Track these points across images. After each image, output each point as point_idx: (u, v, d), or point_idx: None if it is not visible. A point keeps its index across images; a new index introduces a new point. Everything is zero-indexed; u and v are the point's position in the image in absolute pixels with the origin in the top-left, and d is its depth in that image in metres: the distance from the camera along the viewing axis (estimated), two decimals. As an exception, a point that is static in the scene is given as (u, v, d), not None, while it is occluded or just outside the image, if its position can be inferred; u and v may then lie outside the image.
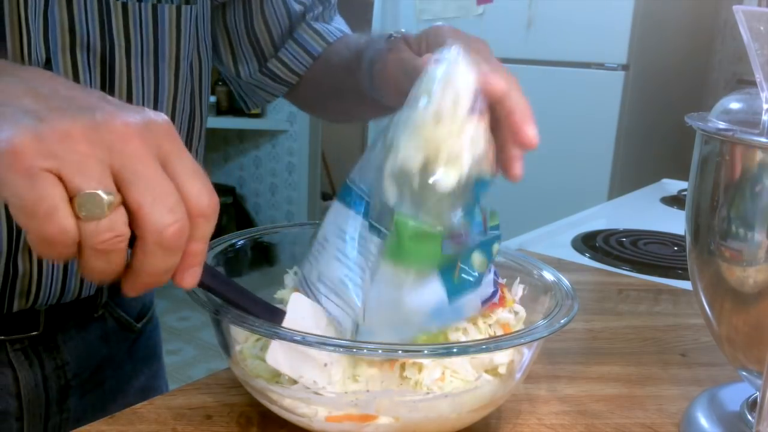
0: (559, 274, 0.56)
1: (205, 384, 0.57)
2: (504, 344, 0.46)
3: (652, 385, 0.62)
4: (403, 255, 0.47)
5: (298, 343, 0.45)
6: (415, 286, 0.47)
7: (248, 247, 0.60)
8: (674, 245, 1.08)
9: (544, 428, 0.55)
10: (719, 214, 0.48)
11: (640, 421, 0.56)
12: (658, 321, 0.77)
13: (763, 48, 0.45)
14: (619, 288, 0.87)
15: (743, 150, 0.46)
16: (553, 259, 0.94)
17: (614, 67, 2.27)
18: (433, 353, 0.46)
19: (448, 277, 0.48)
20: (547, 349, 0.66)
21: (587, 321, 0.75)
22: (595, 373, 0.64)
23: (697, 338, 0.72)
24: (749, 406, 0.54)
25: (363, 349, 0.45)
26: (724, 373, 0.63)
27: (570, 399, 0.59)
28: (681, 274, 0.94)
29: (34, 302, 0.63)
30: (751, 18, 0.45)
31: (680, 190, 1.44)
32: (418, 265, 0.47)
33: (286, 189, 3.55)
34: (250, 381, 0.49)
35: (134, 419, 0.52)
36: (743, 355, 0.51)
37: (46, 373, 0.68)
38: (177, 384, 0.60)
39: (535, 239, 1.08)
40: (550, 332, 0.47)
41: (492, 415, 0.53)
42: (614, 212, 1.36)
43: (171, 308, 3.11)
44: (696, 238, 0.51)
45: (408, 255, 0.47)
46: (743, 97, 0.50)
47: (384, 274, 0.47)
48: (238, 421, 0.53)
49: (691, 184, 0.52)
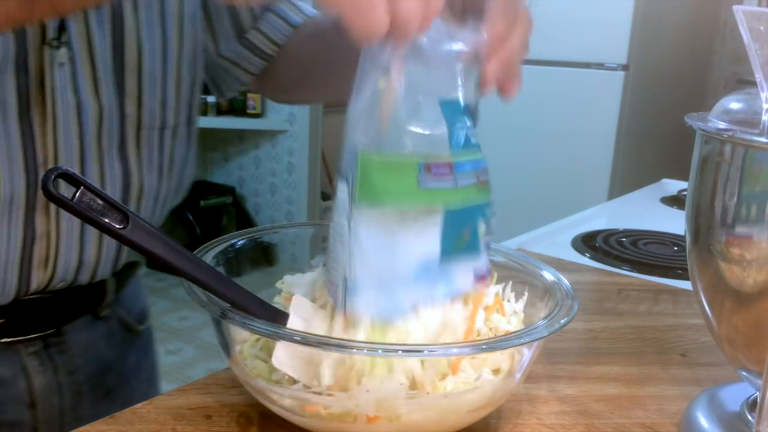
0: (559, 274, 0.56)
1: (205, 384, 0.57)
2: (504, 344, 0.46)
3: (652, 385, 0.62)
4: (374, 193, 0.44)
5: (298, 343, 0.45)
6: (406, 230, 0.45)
7: (248, 247, 0.60)
8: (674, 245, 1.08)
9: (544, 428, 0.55)
10: (719, 214, 0.48)
11: (640, 421, 0.56)
12: (658, 321, 0.77)
13: (763, 48, 0.45)
14: (619, 288, 0.87)
15: (743, 150, 0.46)
16: (553, 259, 0.94)
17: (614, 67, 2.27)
18: (433, 353, 0.46)
19: (448, 234, 0.46)
20: (547, 349, 0.66)
21: (587, 321, 0.75)
22: (595, 373, 0.64)
23: (697, 338, 0.72)
24: (749, 406, 0.54)
25: (363, 349, 0.45)
26: (724, 373, 0.63)
27: (570, 399, 0.59)
28: (681, 274, 0.94)
29: (52, 275, 0.63)
30: (751, 18, 0.45)
31: (680, 190, 1.44)
32: (394, 203, 0.44)
33: (286, 189, 3.55)
34: (250, 381, 0.49)
35: (134, 419, 0.52)
36: (743, 355, 0.51)
37: (59, 380, 0.68)
38: (177, 384, 0.60)
39: (535, 239, 1.08)
40: (550, 332, 0.47)
41: (492, 415, 0.53)
42: (614, 212, 1.36)
43: (171, 308, 3.11)
44: (696, 238, 0.51)
45: (379, 192, 0.44)
46: (743, 97, 0.50)
47: (360, 219, 0.45)
48: (238, 421, 0.53)
49: (691, 184, 0.52)
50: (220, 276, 0.49)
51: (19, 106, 0.58)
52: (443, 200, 0.47)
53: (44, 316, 0.65)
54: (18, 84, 0.57)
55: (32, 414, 0.66)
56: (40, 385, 0.66)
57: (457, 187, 0.47)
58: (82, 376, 0.70)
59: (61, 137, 0.60)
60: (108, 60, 0.62)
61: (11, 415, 0.65)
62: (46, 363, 0.66)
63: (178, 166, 0.72)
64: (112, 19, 0.61)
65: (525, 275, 0.57)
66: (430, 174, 0.45)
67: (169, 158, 0.70)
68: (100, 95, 0.61)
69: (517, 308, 0.55)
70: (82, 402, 0.70)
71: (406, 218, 0.46)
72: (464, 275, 0.49)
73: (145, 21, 0.63)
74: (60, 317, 0.67)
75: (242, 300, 0.48)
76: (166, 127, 0.68)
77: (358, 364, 0.46)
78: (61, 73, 0.59)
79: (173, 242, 0.47)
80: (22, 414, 0.65)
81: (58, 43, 0.58)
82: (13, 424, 0.65)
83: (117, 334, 0.74)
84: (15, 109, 0.57)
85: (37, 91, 0.58)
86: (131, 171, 0.66)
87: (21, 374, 0.65)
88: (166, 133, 0.69)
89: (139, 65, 0.64)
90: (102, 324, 0.72)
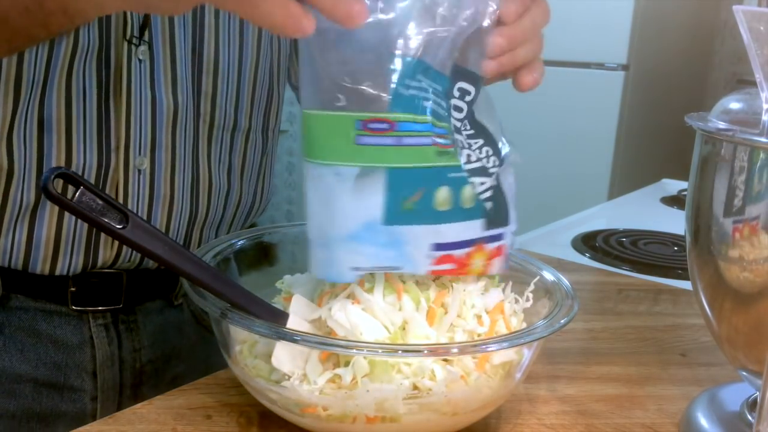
0: (559, 274, 0.56)
1: (205, 384, 0.58)
2: (504, 344, 0.46)
3: (652, 385, 0.62)
4: (313, 149, 0.45)
5: (298, 343, 0.45)
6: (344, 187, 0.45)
7: (248, 247, 0.60)
8: (674, 245, 1.08)
9: (544, 428, 0.55)
10: (719, 214, 0.48)
11: (640, 421, 0.56)
12: (658, 321, 0.77)
13: (763, 48, 0.45)
14: (619, 288, 0.87)
15: (743, 150, 0.46)
16: (553, 259, 0.94)
17: (614, 67, 2.27)
18: (433, 353, 0.46)
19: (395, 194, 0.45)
20: (547, 349, 0.66)
21: (587, 321, 0.75)
22: (595, 373, 0.64)
23: (697, 338, 0.72)
24: (749, 406, 0.54)
25: (363, 349, 0.45)
26: (724, 373, 0.63)
27: (570, 399, 0.59)
28: (681, 274, 0.94)
29: (117, 254, 0.65)
30: (751, 18, 0.45)
31: (680, 190, 1.44)
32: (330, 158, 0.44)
33: (286, 189, 3.55)
34: (250, 381, 0.49)
35: (134, 419, 0.52)
36: (743, 355, 0.51)
37: (122, 354, 0.69)
38: (177, 384, 0.60)
39: (535, 239, 1.08)
40: (550, 332, 0.47)
41: (492, 415, 0.53)
42: (614, 212, 1.36)
43: (171, 308, 3.10)
44: (696, 238, 0.51)
45: (317, 148, 0.45)
46: (743, 97, 0.50)
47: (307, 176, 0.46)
48: (238, 421, 0.53)
49: (691, 184, 0.52)
50: (220, 276, 0.49)
51: (98, 94, 0.61)
52: (383, 159, 0.45)
53: (115, 291, 0.67)
54: (99, 74, 0.61)
55: (93, 383, 0.68)
56: (103, 356, 0.68)
57: (401, 145, 0.45)
58: (146, 356, 0.71)
59: (134, 127, 0.63)
60: (187, 60, 0.65)
61: (74, 380, 0.67)
62: (112, 336, 0.68)
63: (252, 170, 0.74)
64: (193, 21, 0.64)
65: (525, 275, 0.57)
66: (367, 130, 0.44)
67: (241, 160, 0.72)
68: (176, 93, 0.64)
69: (517, 308, 0.55)
70: (143, 382, 0.71)
71: (344, 175, 0.45)
72: (418, 244, 0.47)
73: (223, 26, 0.66)
74: (131, 296, 0.68)
75: (242, 300, 0.48)
76: (238, 129, 0.71)
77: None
78: (140, 68, 0.62)
79: (173, 242, 0.47)
80: (83, 381, 0.68)
81: (138, 40, 0.61)
82: (76, 389, 0.68)
83: (189, 326, 0.75)
84: (95, 95, 0.61)
85: (116, 82, 0.62)
86: (200, 166, 0.68)
87: (87, 343, 0.67)
88: (237, 135, 0.71)
89: (216, 67, 0.66)
90: (175, 312, 0.74)
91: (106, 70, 0.61)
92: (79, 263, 0.64)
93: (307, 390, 0.46)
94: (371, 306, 0.48)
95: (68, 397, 0.67)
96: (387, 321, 0.48)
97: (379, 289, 0.49)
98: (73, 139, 0.61)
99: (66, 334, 0.66)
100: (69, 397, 0.67)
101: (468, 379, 0.47)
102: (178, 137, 0.66)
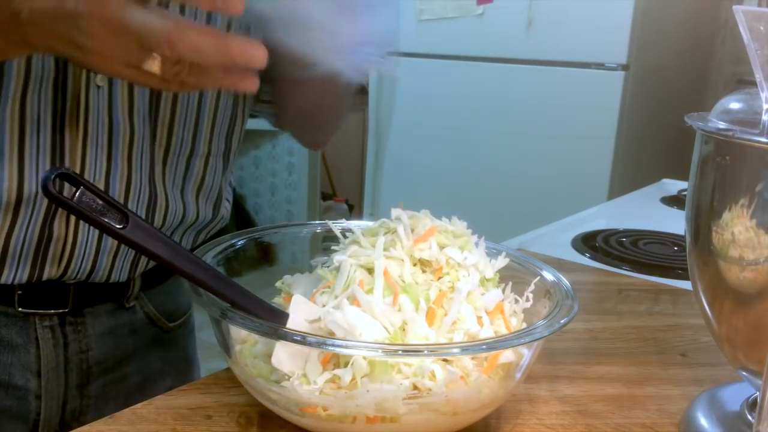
0: (559, 274, 0.56)
1: (205, 384, 0.57)
2: (504, 344, 0.46)
3: (652, 385, 0.62)
4: None
5: (298, 343, 0.45)
6: None
7: (248, 247, 0.60)
8: (674, 245, 1.08)
9: (544, 428, 0.55)
10: (719, 214, 0.48)
11: (640, 421, 0.56)
12: (658, 321, 0.77)
13: (763, 48, 0.45)
14: (619, 288, 0.87)
15: (743, 150, 0.46)
16: (553, 259, 0.94)
17: (614, 67, 2.27)
18: (433, 353, 0.46)
19: None
20: (547, 349, 0.66)
21: (587, 321, 0.75)
22: (595, 373, 0.64)
23: (697, 338, 0.72)
24: (749, 406, 0.54)
25: (363, 349, 0.45)
26: (724, 373, 0.63)
27: (570, 399, 0.59)
28: (681, 274, 0.94)
29: (64, 271, 0.65)
30: (751, 18, 0.45)
31: (680, 190, 1.44)
32: None
33: (286, 189, 3.55)
34: (250, 381, 0.49)
35: (134, 419, 0.52)
36: (743, 355, 0.51)
37: (68, 355, 0.69)
38: (177, 384, 0.60)
39: (535, 239, 1.08)
40: (550, 332, 0.47)
41: (492, 415, 0.53)
42: (614, 212, 1.36)
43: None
44: (696, 238, 0.51)
45: None
46: (743, 97, 0.50)
47: None
48: (238, 421, 0.53)
49: (691, 184, 0.52)
50: (220, 276, 0.49)
51: (53, 121, 0.61)
52: None
53: (62, 297, 0.68)
54: (54, 101, 0.61)
55: (38, 382, 0.68)
56: (47, 357, 0.68)
57: None
58: (93, 358, 0.71)
59: (90, 153, 0.63)
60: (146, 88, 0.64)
61: (18, 379, 0.68)
62: (58, 338, 0.69)
63: (211, 191, 0.74)
64: None
65: (525, 275, 0.57)
66: None
67: (198, 183, 0.73)
68: (133, 118, 0.64)
69: (517, 308, 0.55)
70: (90, 382, 0.72)
71: None
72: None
73: None
74: (78, 302, 0.69)
75: (242, 300, 0.48)
76: (195, 154, 0.71)
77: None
78: (98, 94, 0.62)
79: (173, 242, 0.47)
80: (27, 380, 0.68)
81: None
82: (20, 388, 0.68)
83: (142, 327, 0.75)
84: (49, 122, 0.61)
85: (72, 108, 0.61)
86: (156, 187, 0.69)
87: (33, 343, 0.67)
88: (195, 160, 0.71)
89: (175, 95, 0.66)
90: (126, 314, 0.74)
91: (62, 96, 0.61)
92: (24, 276, 0.64)
93: (307, 390, 0.46)
94: (371, 307, 0.48)
95: (12, 394, 0.68)
96: (386, 322, 0.48)
97: (378, 289, 0.49)
98: (26, 167, 0.61)
99: (11, 335, 0.67)
100: (13, 395, 0.68)
101: (468, 380, 0.47)
102: (134, 161, 0.66)
